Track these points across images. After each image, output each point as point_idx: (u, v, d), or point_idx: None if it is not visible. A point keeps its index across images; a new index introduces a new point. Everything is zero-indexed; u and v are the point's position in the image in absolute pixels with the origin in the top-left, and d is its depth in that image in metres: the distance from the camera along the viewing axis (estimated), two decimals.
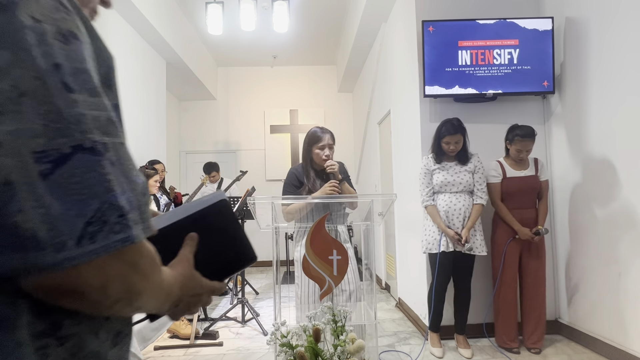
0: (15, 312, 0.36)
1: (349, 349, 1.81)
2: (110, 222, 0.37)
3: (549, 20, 2.99)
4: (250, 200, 1.97)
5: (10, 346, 0.35)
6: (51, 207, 0.35)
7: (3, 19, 0.35)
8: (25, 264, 0.34)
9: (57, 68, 0.37)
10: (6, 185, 0.33)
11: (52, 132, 0.35)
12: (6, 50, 0.35)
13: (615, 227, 2.53)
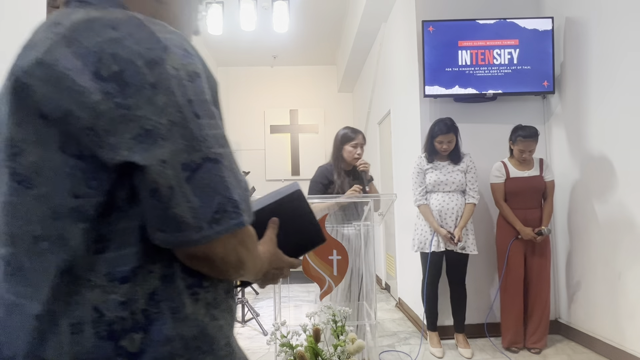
0: (174, 270, 0.54)
1: (349, 349, 1.82)
2: (228, 211, 0.52)
3: (549, 20, 2.99)
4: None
5: (175, 292, 0.53)
6: (193, 201, 0.50)
7: (157, 71, 0.50)
8: (179, 239, 0.50)
9: (190, 102, 0.51)
10: (169, 189, 0.49)
11: (190, 149, 0.50)
12: (162, 95, 0.49)
13: (615, 227, 2.53)
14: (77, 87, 0.48)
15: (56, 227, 0.50)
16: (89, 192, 0.49)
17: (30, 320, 0.50)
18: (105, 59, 0.48)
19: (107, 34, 0.50)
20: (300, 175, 6.88)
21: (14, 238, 0.52)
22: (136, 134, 0.48)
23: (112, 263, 0.50)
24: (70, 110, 0.48)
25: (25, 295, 0.51)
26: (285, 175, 6.89)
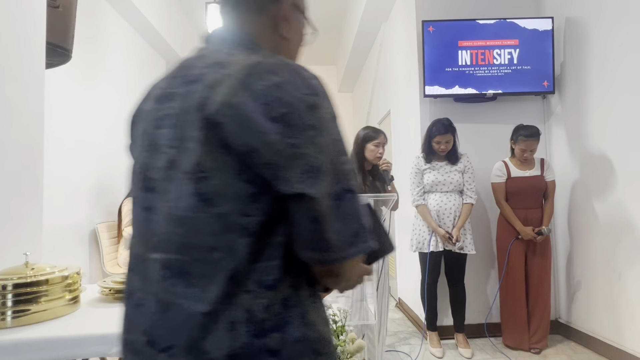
0: (300, 281, 0.64)
1: (349, 349, 1.81)
2: (361, 235, 0.61)
3: (549, 20, 2.99)
4: None
5: (301, 300, 0.63)
6: (338, 227, 0.59)
7: (316, 115, 0.60)
8: (324, 258, 0.60)
9: (335, 142, 0.62)
10: (325, 216, 0.58)
11: (336, 181, 0.59)
12: (320, 136, 0.59)
13: (615, 227, 2.53)
14: (261, 128, 0.57)
15: (227, 240, 0.59)
16: (255, 212, 0.60)
17: (196, 318, 0.58)
18: (273, 103, 0.58)
19: (270, 79, 0.60)
20: None
21: (185, 247, 0.60)
22: (305, 170, 0.58)
23: (262, 272, 0.60)
24: (255, 147, 0.57)
25: (188, 296, 0.59)
26: None
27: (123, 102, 3.90)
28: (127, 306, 0.68)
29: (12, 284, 1.20)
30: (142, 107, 0.74)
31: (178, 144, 0.62)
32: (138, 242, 0.69)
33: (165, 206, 0.63)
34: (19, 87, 1.60)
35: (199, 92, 0.61)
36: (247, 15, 0.73)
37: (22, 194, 1.59)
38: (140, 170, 0.69)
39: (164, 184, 0.63)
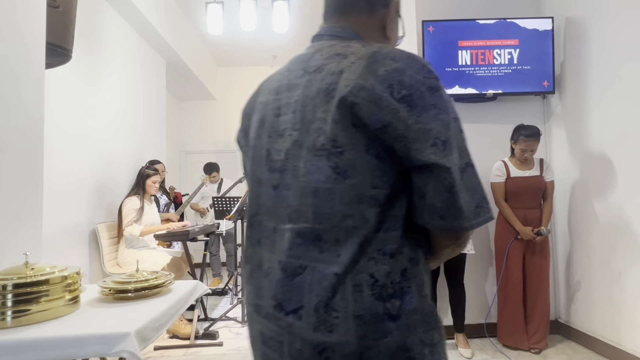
0: (418, 255, 0.68)
1: None
2: (484, 207, 0.67)
3: (549, 20, 2.99)
4: None
5: (419, 272, 0.68)
6: (466, 197, 0.65)
7: (436, 95, 0.65)
8: (455, 226, 0.65)
9: (456, 120, 0.67)
10: (456, 186, 0.64)
11: (462, 156, 0.66)
12: (444, 114, 0.65)
13: (614, 227, 2.53)
14: (393, 105, 0.63)
15: (359, 209, 0.65)
16: (382, 185, 0.65)
17: (328, 279, 0.64)
18: (395, 85, 0.64)
19: (391, 64, 0.66)
20: None
21: (320, 216, 0.67)
22: (434, 143, 0.63)
23: (384, 241, 0.65)
24: (390, 122, 0.63)
25: (322, 259, 0.66)
26: None
27: (123, 101, 3.90)
28: (256, 276, 0.75)
29: (12, 284, 1.20)
30: (256, 100, 0.82)
31: (301, 126, 0.70)
32: (268, 218, 0.75)
33: (296, 182, 0.69)
34: (19, 87, 1.60)
35: (324, 79, 0.69)
36: (360, 17, 0.82)
37: (22, 194, 1.59)
38: (263, 154, 0.76)
39: (292, 162, 0.70)
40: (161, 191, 4.33)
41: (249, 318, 0.77)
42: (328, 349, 0.63)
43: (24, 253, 1.33)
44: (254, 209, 0.79)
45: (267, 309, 0.70)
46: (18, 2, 1.61)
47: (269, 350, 0.70)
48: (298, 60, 0.78)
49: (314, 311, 0.64)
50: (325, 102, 0.67)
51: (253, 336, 0.76)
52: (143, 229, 3.26)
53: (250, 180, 0.81)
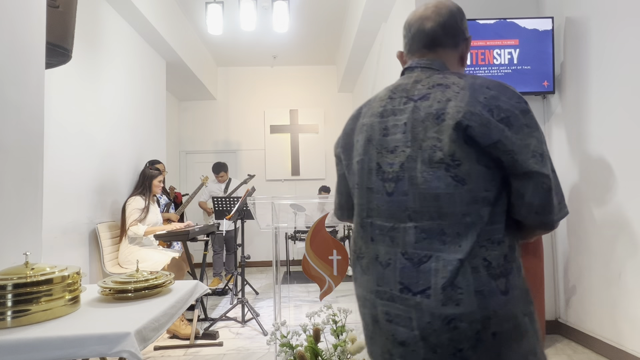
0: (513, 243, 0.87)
1: (349, 349, 1.81)
2: (564, 203, 0.88)
3: (549, 20, 2.99)
4: (250, 201, 1.97)
5: (515, 257, 0.86)
6: (556, 196, 0.85)
7: (528, 117, 0.85)
8: (548, 220, 0.85)
9: (542, 135, 0.86)
10: (552, 188, 0.83)
11: (550, 163, 0.84)
12: (537, 132, 0.85)
13: (614, 227, 2.53)
14: (499, 126, 0.82)
15: (475, 208, 0.83)
16: (491, 188, 0.84)
17: (452, 264, 0.81)
18: (494, 109, 0.84)
19: (488, 93, 0.85)
20: (300, 175, 6.88)
21: (442, 215, 0.84)
22: (533, 155, 0.83)
23: (492, 232, 0.84)
24: (499, 139, 0.82)
25: (445, 249, 0.83)
26: (285, 175, 6.88)
27: (123, 101, 3.90)
28: (373, 267, 0.92)
29: (12, 284, 1.20)
30: (357, 122, 1.02)
31: (413, 144, 0.88)
32: (382, 219, 0.92)
33: (415, 189, 0.87)
34: (19, 87, 1.60)
35: (432, 105, 0.87)
36: (445, 50, 0.99)
37: (22, 194, 1.59)
38: (373, 167, 0.94)
39: (408, 173, 0.88)
40: (161, 191, 4.33)
41: (367, 304, 0.93)
42: (456, 319, 0.80)
43: (24, 253, 1.33)
44: (365, 212, 0.96)
45: (392, 293, 0.87)
46: (18, 2, 1.61)
47: (396, 326, 0.86)
48: (399, 89, 0.96)
49: (441, 290, 0.81)
50: (436, 125, 0.86)
51: (374, 317, 0.92)
52: (147, 229, 3.26)
53: (359, 189, 0.99)
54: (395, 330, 0.86)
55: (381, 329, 0.90)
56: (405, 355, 0.85)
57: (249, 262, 6.38)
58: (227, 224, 4.16)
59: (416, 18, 1.02)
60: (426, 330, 0.82)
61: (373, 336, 0.93)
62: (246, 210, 4.05)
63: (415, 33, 1.02)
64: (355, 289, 1.00)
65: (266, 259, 6.72)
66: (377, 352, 0.92)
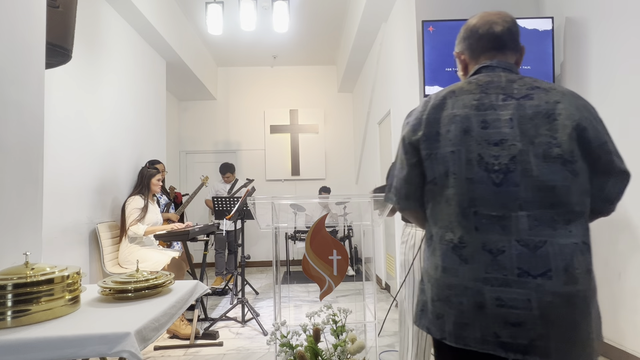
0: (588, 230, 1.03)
1: (349, 349, 1.81)
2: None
3: (549, 20, 2.99)
4: (250, 200, 1.96)
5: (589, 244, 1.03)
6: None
7: (602, 124, 1.03)
8: (614, 208, 1.09)
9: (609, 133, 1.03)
10: (627, 185, 1.06)
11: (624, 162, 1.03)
12: (608, 136, 1.01)
13: (614, 227, 2.53)
14: (602, 131, 1.00)
15: (583, 198, 0.97)
16: (589, 182, 0.99)
17: (569, 247, 0.94)
18: (594, 116, 1.02)
19: (582, 100, 1.04)
20: (300, 175, 6.88)
21: (555, 205, 0.94)
22: (616, 155, 1.00)
23: (586, 219, 1.00)
24: (606, 141, 0.98)
25: (558, 235, 0.93)
26: (285, 175, 6.88)
27: (123, 101, 3.90)
28: (479, 256, 0.96)
29: (12, 284, 1.20)
30: (443, 112, 1.04)
31: (522, 138, 0.96)
32: (487, 209, 0.96)
33: (528, 180, 0.94)
34: (19, 87, 1.60)
35: (539, 105, 0.99)
36: (513, 53, 1.12)
37: (22, 194, 1.59)
38: (474, 157, 0.98)
39: (520, 166, 0.95)
40: (161, 191, 4.33)
41: (468, 292, 0.96)
42: (574, 296, 0.91)
43: (24, 253, 1.33)
44: (466, 202, 0.98)
45: (507, 278, 0.93)
46: (18, 2, 1.61)
47: (510, 309, 0.92)
48: (491, 85, 1.04)
49: (563, 271, 0.91)
50: (548, 123, 0.97)
51: (478, 304, 0.95)
52: (147, 229, 3.26)
53: (456, 179, 0.99)
54: (508, 314, 0.92)
55: (487, 314, 0.94)
56: (517, 335, 0.91)
57: (249, 262, 6.38)
58: (228, 224, 4.16)
59: (483, 21, 1.16)
60: (547, 309, 0.90)
61: (470, 322, 0.96)
62: (246, 211, 4.05)
63: (483, 34, 1.14)
64: (443, 279, 1.01)
65: (266, 259, 6.72)
66: (476, 337, 0.95)
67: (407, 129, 1.09)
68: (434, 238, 1.05)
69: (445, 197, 1.01)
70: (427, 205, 1.08)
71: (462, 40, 1.20)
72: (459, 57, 1.20)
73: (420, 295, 1.11)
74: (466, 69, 1.20)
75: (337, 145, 7.06)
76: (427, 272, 1.07)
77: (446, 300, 0.99)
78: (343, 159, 7.04)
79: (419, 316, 1.10)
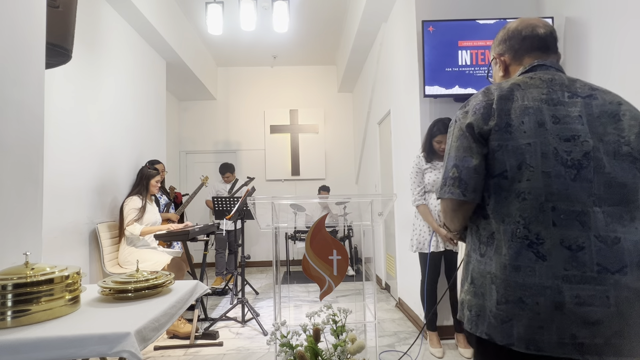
0: None
1: (349, 348, 1.81)
2: None
3: (549, 20, 2.99)
4: (250, 200, 1.97)
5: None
6: None
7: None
8: None
9: None
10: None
11: None
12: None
13: None
14: None
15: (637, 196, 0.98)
16: None
17: (638, 245, 0.93)
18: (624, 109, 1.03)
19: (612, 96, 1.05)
20: (300, 175, 6.88)
21: (623, 201, 0.96)
22: None
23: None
24: None
25: (626, 232, 0.94)
26: (285, 175, 6.88)
27: (123, 101, 3.90)
28: (557, 253, 0.94)
29: (12, 284, 1.20)
30: (516, 105, 1.03)
31: (592, 136, 0.98)
32: (565, 204, 0.95)
33: (600, 177, 0.96)
34: (19, 87, 1.60)
35: (604, 105, 1.02)
36: (554, 55, 1.15)
37: (22, 194, 1.59)
38: (550, 151, 0.98)
39: (593, 162, 0.97)
40: (161, 191, 4.33)
41: (546, 291, 0.93)
42: None
43: (24, 253, 1.33)
44: (543, 196, 0.96)
45: (587, 275, 0.92)
46: (18, 2, 1.61)
47: (589, 307, 0.90)
48: (554, 82, 1.06)
49: (636, 267, 0.91)
50: (614, 122, 1.00)
51: (556, 304, 0.92)
52: (144, 229, 3.26)
53: (533, 172, 0.97)
54: (587, 312, 0.90)
55: (565, 314, 0.91)
56: (594, 335, 0.89)
57: (249, 262, 6.38)
58: (228, 224, 4.16)
59: (525, 24, 1.16)
60: (624, 304, 0.90)
61: (546, 324, 0.92)
62: (246, 211, 4.05)
63: (527, 36, 1.15)
64: (514, 278, 0.96)
65: (266, 258, 6.72)
66: (551, 340, 0.91)
67: (476, 117, 1.04)
68: (497, 235, 1.00)
69: (515, 191, 0.98)
70: (488, 200, 1.03)
71: (502, 42, 1.20)
72: (499, 58, 1.21)
73: (472, 300, 1.04)
74: (507, 69, 1.20)
75: (337, 145, 7.06)
76: (489, 273, 1.01)
77: (518, 302, 0.94)
78: (343, 159, 7.04)
79: (474, 322, 1.02)
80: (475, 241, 1.07)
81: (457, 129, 1.07)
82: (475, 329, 1.02)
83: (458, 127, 1.07)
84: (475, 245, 1.07)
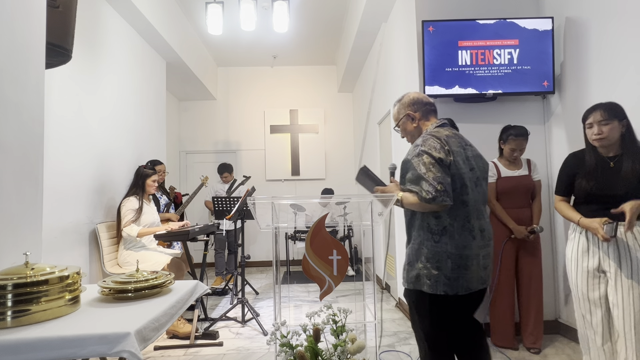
0: None
1: (349, 348, 1.81)
2: None
3: (549, 20, 2.99)
4: (250, 200, 1.96)
5: None
6: None
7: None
8: None
9: None
10: None
11: None
12: None
13: None
14: None
15: None
16: None
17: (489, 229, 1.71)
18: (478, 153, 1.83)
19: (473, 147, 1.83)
20: (300, 175, 6.88)
21: (484, 203, 1.74)
22: None
23: None
24: None
25: (486, 221, 1.71)
26: (285, 175, 6.88)
27: (123, 101, 3.90)
28: (479, 233, 1.66)
29: (12, 284, 1.20)
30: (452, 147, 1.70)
31: (477, 168, 1.74)
32: (478, 204, 1.69)
33: (481, 190, 1.72)
34: (19, 87, 1.60)
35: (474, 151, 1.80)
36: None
37: (22, 194, 1.59)
38: (469, 178, 1.69)
39: (479, 182, 1.73)
40: (161, 191, 4.33)
41: (477, 258, 1.69)
42: None
43: (24, 253, 1.33)
44: (473, 203, 1.67)
45: (486, 242, 1.68)
46: (18, 2, 1.61)
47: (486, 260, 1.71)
48: (458, 136, 1.76)
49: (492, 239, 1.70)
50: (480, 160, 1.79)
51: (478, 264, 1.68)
52: (140, 230, 3.25)
53: (468, 190, 1.66)
54: (485, 263, 1.68)
55: (479, 267, 1.65)
56: (487, 274, 1.58)
57: (249, 262, 6.38)
58: (227, 224, 4.16)
59: (421, 95, 1.87)
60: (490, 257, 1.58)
61: (474, 275, 1.66)
62: (246, 211, 4.05)
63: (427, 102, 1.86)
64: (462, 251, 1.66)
65: (266, 258, 6.72)
66: (474, 282, 1.66)
67: (442, 153, 1.62)
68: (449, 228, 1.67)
69: (461, 200, 1.65)
70: None
71: (410, 105, 1.85)
72: (413, 114, 1.84)
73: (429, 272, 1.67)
74: (418, 123, 1.84)
75: (337, 145, 7.06)
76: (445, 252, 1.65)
77: (463, 267, 1.64)
78: (343, 159, 7.04)
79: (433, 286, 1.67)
80: (428, 234, 1.66)
81: (429, 160, 1.61)
82: (435, 290, 1.63)
83: (429, 159, 1.61)
84: (428, 236, 1.66)
